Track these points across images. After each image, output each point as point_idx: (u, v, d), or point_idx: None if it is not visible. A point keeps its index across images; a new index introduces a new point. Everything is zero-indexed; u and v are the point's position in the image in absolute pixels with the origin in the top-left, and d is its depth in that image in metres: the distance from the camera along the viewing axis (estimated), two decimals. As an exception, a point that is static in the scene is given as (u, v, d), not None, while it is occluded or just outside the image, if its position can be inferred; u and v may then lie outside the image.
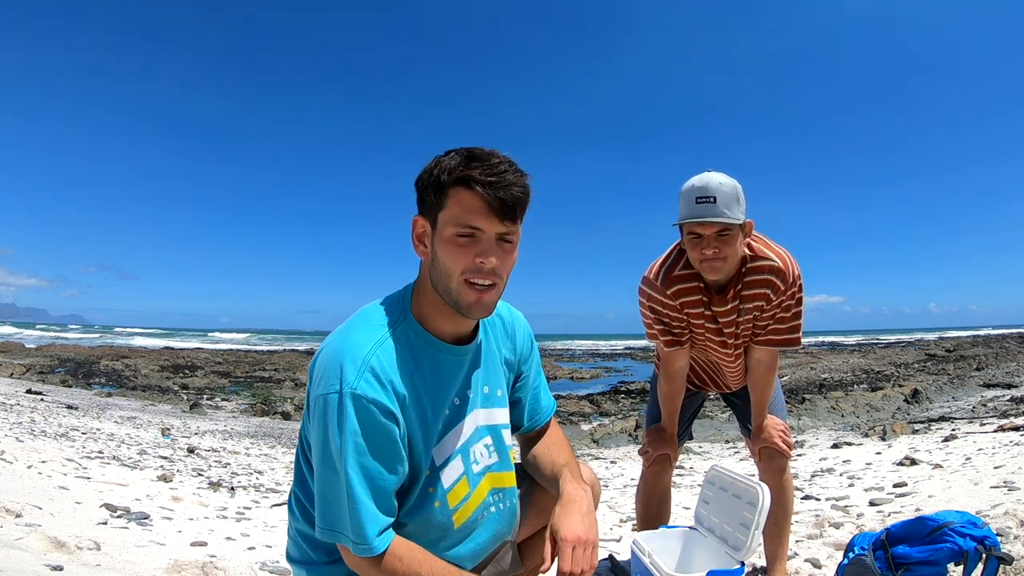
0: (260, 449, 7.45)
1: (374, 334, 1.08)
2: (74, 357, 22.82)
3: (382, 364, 1.04)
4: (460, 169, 1.04)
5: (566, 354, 32.99)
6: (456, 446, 1.16)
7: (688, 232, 1.74)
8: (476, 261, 1.04)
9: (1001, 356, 17.76)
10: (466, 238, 1.04)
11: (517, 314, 1.36)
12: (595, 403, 13.32)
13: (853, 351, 26.32)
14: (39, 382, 14.07)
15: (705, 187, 1.68)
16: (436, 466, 1.14)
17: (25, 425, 6.52)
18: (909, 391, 11.29)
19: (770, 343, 1.90)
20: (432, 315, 1.13)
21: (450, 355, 1.15)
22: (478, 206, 1.03)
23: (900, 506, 3.09)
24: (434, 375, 1.13)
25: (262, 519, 3.63)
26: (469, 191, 1.03)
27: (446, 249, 1.05)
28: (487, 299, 1.08)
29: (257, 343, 46.46)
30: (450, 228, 1.05)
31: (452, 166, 1.04)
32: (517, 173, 1.05)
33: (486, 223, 1.04)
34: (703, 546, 1.72)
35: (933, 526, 1.67)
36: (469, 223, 1.04)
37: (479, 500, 1.21)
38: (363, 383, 1.01)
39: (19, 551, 2.04)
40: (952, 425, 7.01)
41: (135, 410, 10.71)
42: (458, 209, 1.04)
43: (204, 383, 17.11)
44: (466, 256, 1.04)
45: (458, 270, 1.05)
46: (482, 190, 1.02)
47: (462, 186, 1.04)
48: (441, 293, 1.09)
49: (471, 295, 1.06)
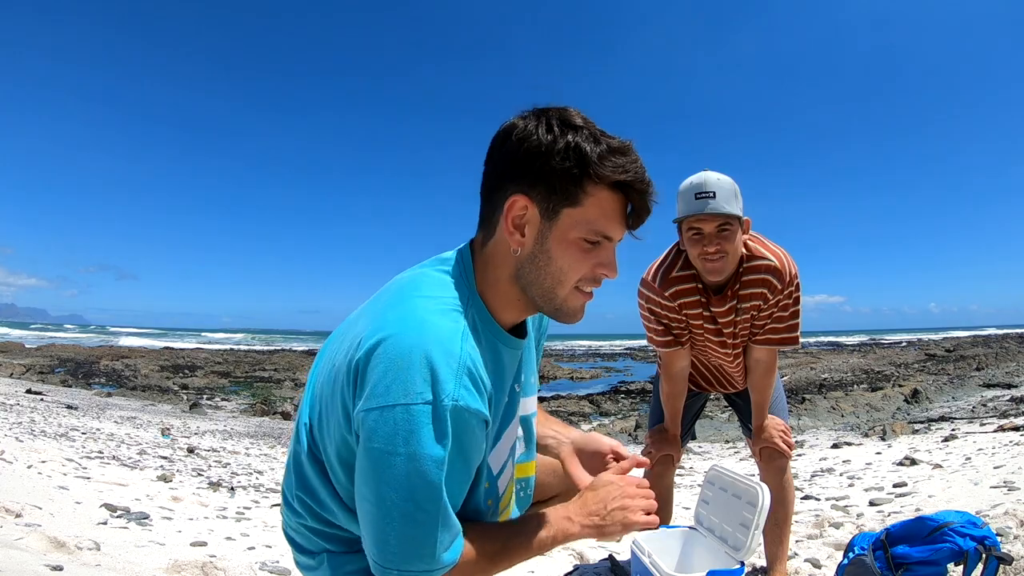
0: (260, 449, 7.45)
1: (456, 321, 0.87)
2: (74, 357, 22.82)
3: (475, 363, 0.85)
4: (613, 168, 0.86)
5: (566, 354, 32.98)
6: (509, 447, 1.04)
7: (688, 228, 1.74)
8: (598, 271, 0.92)
9: (1001, 356, 17.76)
10: (594, 245, 0.91)
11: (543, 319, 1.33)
12: (595, 403, 13.33)
13: (853, 351, 26.32)
14: (39, 382, 14.07)
15: (703, 183, 1.69)
16: (494, 474, 1.00)
17: (25, 425, 6.52)
18: (909, 391, 11.30)
19: (768, 342, 1.91)
20: (501, 306, 0.97)
21: (512, 348, 1.00)
22: (619, 213, 0.90)
23: (900, 506, 3.09)
24: (496, 367, 0.95)
25: (262, 519, 3.62)
26: (616, 195, 0.89)
27: (568, 252, 0.90)
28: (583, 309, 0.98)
29: (251, 343, 46.44)
30: (580, 231, 0.89)
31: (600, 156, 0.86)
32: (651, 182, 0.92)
33: (619, 231, 0.92)
34: (703, 546, 1.72)
35: (933, 526, 1.67)
36: (606, 232, 0.90)
37: (511, 494, 1.12)
38: (463, 391, 0.82)
39: (19, 551, 2.04)
40: (952, 425, 7.01)
41: (135, 410, 10.71)
42: (598, 212, 0.88)
43: (204, 383, 17.11)
44: (588, 263, 0.91)
45: (575, 277, 0.91)
46: (628, 196, 0.89)
47: (608, 187, 0.88)
48: (534, 292, 0.94)
49: (579, 302, 0.95)
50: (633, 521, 1.00)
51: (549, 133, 0.87)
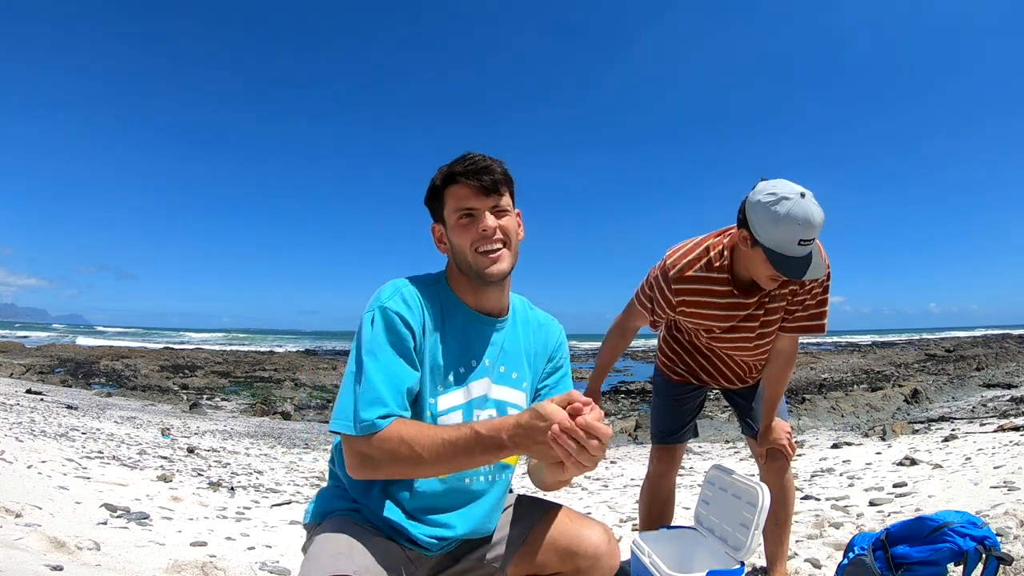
0: (260, 449, 7.45)
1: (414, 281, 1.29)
2: (74, 357, 22.82)
3: (413, 294, 1.25)
4: (445, 172, 1.28)
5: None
6: (460, 401, 1.28)
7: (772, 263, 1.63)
8: (479, 231, 1.24)
9: (1001, 356, 17.77)
10: (467, 219, 1.26)
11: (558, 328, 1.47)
12: (595, 403, 13.32)
13: (853, 351, 26.31)
14: (39, 382, 14.07)
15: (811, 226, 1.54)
16: (437, 412, 1.25)
17: (25, 425, 6.52)
18: (909, 391, 11.30)
19: (798, 329, 1.88)
20: (462, 290, 1.31)
21: (476, 321, 1.31)
22: (467, 192, 1.25)
23: (900, 506, 3.09)
24: (459, 332, 1.29)
25: (262, 519, 3.63)
26: (458, 184, 1.26)
27: (455, 234, 1.27)
28: (500, 263, 1.26)
29: (251, 343, 46.36)
30: (453, 217, 1.27)
31: (441, 174, 1.29)
32: (490, 159, 1.26)
33: (477, 202, 1.25)
34: (703, 546, 1.72)
35: (933, 526, 1.67)
36: (464, 206, 1.25)
37: None
38: (392, 301, 1.21)
39: (19, 551, 2.04)
40: (952, 425, 7.02)
41: (135, 410, 10.71)
42: (454, 201, 1.26)
43: (204, 383, 17.11)
44: (471, 232, 1.25)
45: (468, 245, 1.25)
46: (465, 179, 1.24)
47: (452, 183, 1.26)
48: (464, 270, 1.28)
49: (485, 260, 1.25)
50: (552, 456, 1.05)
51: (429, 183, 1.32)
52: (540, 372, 1.41)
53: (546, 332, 1.43)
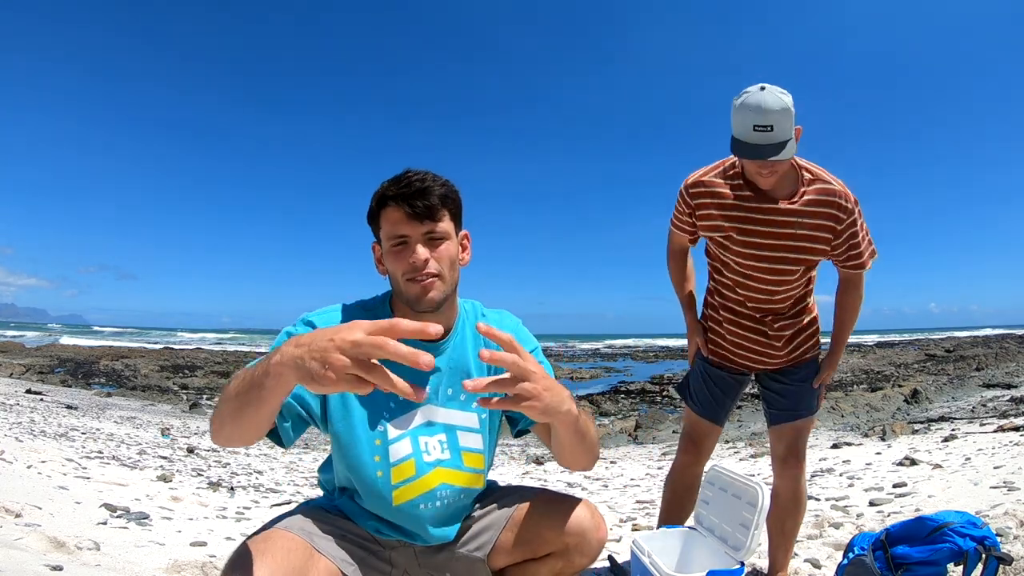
0: (260, 449, 7.45)
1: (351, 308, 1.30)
2: (74, 357, 22.82)
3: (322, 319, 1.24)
4: (380, 193, 1.24)
5: (566, 354, 32.99)
6: (407, 428, 1.28)
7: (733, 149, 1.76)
8: (409, 261, 1.21)
9: (1001, 356, 17.76)
10: (399, 246, 1.22)
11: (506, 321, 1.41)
12: (595, 403, 13.32)
13: (853, 351, 26.31)
14: (39, 382, 14.07)
15: (763, 111, 1.64)
16: (388, 439, 1.25)
17: (25, 425, 6.52)
18: (909, 391, 11.30)
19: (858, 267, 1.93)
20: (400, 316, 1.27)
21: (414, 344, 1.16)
22: (399, 217, 1.21)
23: (900, 506, 3.09)
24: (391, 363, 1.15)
25: (262, 519, 3.62)
26: (390, 208, 1.22)
27: (389, 260, 1.24)
28: (431, 292, 1.22)
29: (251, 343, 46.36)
30: (387, 243, 1.24)
31: (377, 194, 1.25)
32: (426, 180, 1.21)
33: (409, 228, 1.21)
34: (703, 546, 1.72)
35: (933, 526, 1.67)
36: (396, 233, 1.22)
37: (425, 488, 1.27)
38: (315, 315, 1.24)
39: (19, 551, 2.04)
40: (952, 425, 7.02)
41: (135, 410, 10.71)
42: (388, 225, 1.23)
43: (204, 383, 17.10)
44: (402, 260, 1.22)
45: (399, 273, 1.23)
46: (396, 204, 1.20)
47: (385, 206, 1.23)
48: (399, 297, 1.27)
49: (414, 289, 1.22)
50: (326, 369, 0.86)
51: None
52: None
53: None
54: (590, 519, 1.32)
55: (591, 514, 1.33)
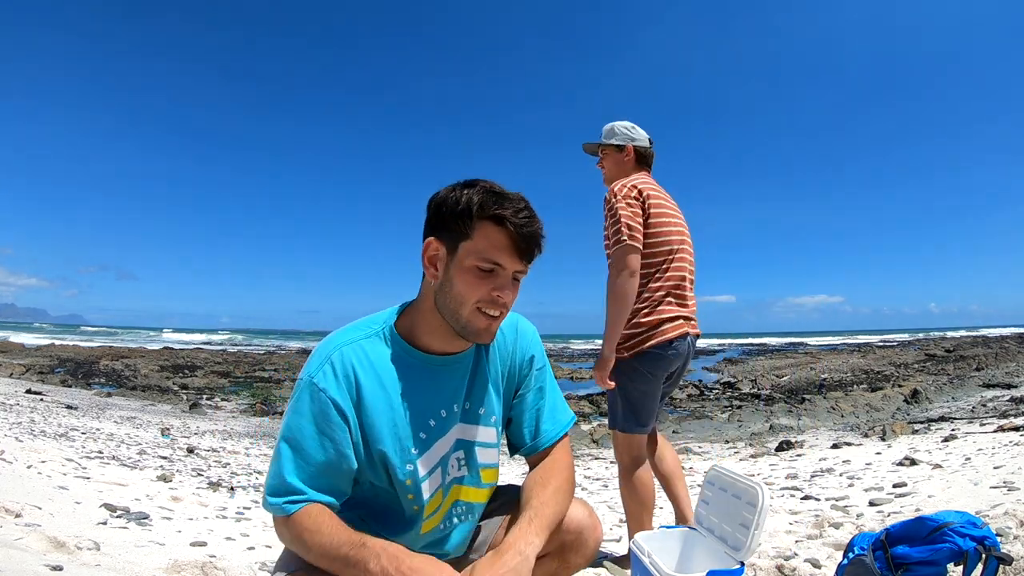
0: (260, 449, 7.45)
1: (349, 336, 1.16)
2: (74, 357, 22.82)
3: (344, 360, 1.12)
4: (493, 206, 1.08)
5: (566, 354, 32.98)
6: (439, 457, 1.20)
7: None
8: (493, 294, 1.10)
9: (1001, 356, 17.77)
10: (487, 272, 1.10)
11: (524, 331, 1.34)
12: (595, 403, 13.31)
13: (853, 351, 26.31)
14: (39, 382, 14.06)
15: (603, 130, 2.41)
16: (419, 477, 1.17)
17: (25, 425, 6.52)
18: (909, 391, 11.30)
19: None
20: (425, 333, 1.18)
21: (433, 366, 1.19)
22: (505, 244, 1.09)
23: (900, 506, 3.09)
24: (415, 385, 1.17)
25: (261, 519, 3.62)
26: (499, 228, 1.08)
27: (464, 278, 1.10)
28: (494, 328, 1.15)
29: (251, 343, 46.34)
30: (472, 259, 1.09)
31: (483, 201, 1.09)
32: (537, 221, 1.12)
33: (509, 261, 1.10)
34: (703, 546, 1.72)
35: (933, 526, 1.67)
36: (494, 259, 1.09)
37: (445, 510, 1.25)
38: (319, 374, 1.10)
39: (19, 551, 2.04)
40: (952, 425, 7.02)
41: (135, 410, 10.71)
42: (485, 243, 1.09)
43: (204, 383, 17.10)
44: (484, 288, 1.10)
45: (473, 299, 1.10)
46: (513, 230, 1.08)
47: (492, 222, 1.08)
48: (447, 316, 1.14)
49: (482, 322, 1.12)
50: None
51: (451, 191, 1.13)
52: (513, 385, 1.32)
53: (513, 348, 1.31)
54: (587, 518, 1.30)
55: (588, 513, 1.31)
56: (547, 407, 1.34)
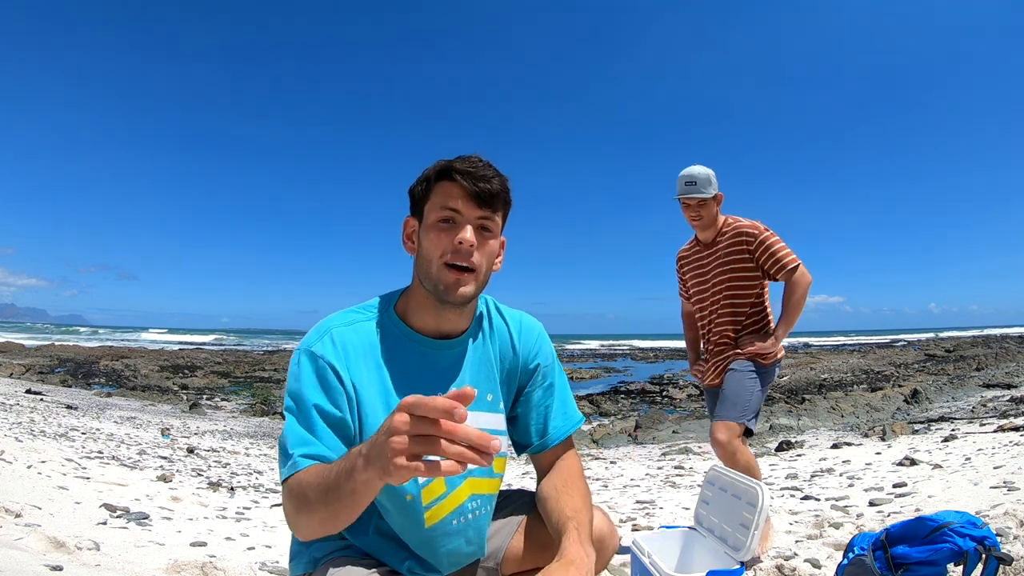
0: (260, 449, 7.45)
1: (349, 318, 1.17)
2: (74, 357, 22.83)
3: (343, 336, 1.13)
4: (443, 165, 1.13)
5: (566, 354, 33.00)
6: None
7: (682, 204, 2.62)
8: (455, 242, 1.10)
9: (1001, 356, 17.77)
10: (447, 223, 1.12)
11: (529, 328, 1.31)
12: (595, 403, 13.32)
13: (853, 351, 26.31)
14: (39, 382, 14.07)
15: (690, 175, 2.56)
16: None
17: (25, 425, 6.52)
18: (909, 391, 11.30)
19: (779, 270, 2.48)
20: (417, 310, 1.18)
21: (430, 349, 1.18)
22: (458, 192, 1.11)
23: (900, 506, 3.09)
24: (412, 367, 1.17)
25: (261, 519, 3.63)
26: (451, 181, 1.12)
27: (429, 236, 1.13)
28: (464, 287, 1.12)
29: (250, 343, 46.33)
30: (433, 215, 1.13)
31: (438, 165, 1.14)
32: (495, 170, 1.14)
33: (465, 207, 1.11)
34: (703, 546, 1.72)
35: (933, 526, 1.67)
36: (449, 205, 1.11)
37: (456, 503, 1.19)
38: (318, 344, 1.11)
39: (19, 551, 2.04)
40: (952, 425, 7.02)
41: (135, 410, 10.71)
42: (440, 197, 1.12)
43: (204, 383, 17.10)
44: (447, 239, 1.11)
45: (438, 253, 1.11)
46: (462, 179, 1.10)
47: (445, 178, 1.12)
48: (424, 282, 1.14)
49: (450, 276, 1.11)
50: (391, 461, 0.76)
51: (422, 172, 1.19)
52: (516, 383, 1.29)
53: (519, 340, 1.29)
54: (607, 525, 1.27)
55: (606, 520, 1.28)
56: (556, 404, 1.31)
